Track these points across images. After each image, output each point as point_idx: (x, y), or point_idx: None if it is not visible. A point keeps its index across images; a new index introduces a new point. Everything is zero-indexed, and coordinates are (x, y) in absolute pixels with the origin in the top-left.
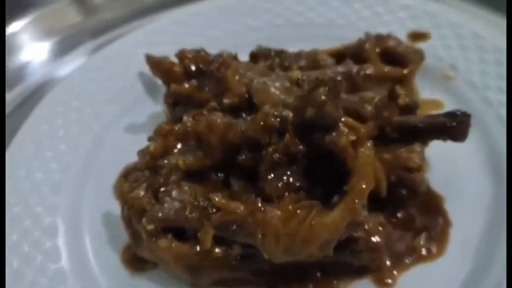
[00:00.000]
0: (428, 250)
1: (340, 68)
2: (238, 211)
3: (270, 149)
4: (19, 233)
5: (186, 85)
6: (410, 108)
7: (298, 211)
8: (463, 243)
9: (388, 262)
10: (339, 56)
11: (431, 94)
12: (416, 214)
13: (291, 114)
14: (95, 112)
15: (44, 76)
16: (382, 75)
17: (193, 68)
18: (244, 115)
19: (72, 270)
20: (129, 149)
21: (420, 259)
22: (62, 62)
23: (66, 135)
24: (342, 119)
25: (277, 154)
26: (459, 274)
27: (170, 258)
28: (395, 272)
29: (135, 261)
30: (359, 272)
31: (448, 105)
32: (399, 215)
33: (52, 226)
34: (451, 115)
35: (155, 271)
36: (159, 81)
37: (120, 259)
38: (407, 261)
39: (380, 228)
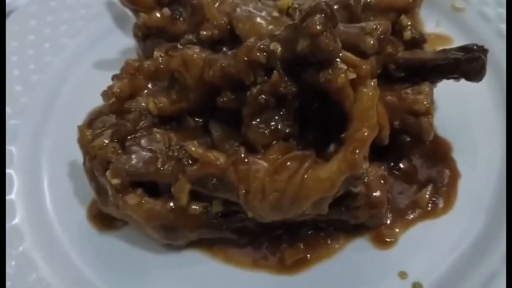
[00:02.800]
0: (434, 204)
1: None
2: (218, 162)
3: (255, 90)
4: None
5: (158, 15)
6: (417, 42)
7: (288, 163)
8: (473, 197)
9: (388, 219)
10: None
11: (437, 27)
12: (420, 164)
13: (279, 48)
14: (55, 47)
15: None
16: (384, 4)
17: None
18: (225, 49)
19: (29, 228)
20: (95, 89)
21: (424, 215)
22: None
23: (22, 75)
24: (340, 54)
25: (263, 96)
26: (468, 232)
27: (140, 216)
28: (396, 229)
29: (103, 217)
30: (356, 230)
31: (457, 40)
32: (401, 165)
33: (6, 179)
34: (465, 49)
35: (126, 228)
36: (129, 11)
37: (85, 215)
38: (410, 217)
39: (381, 181)
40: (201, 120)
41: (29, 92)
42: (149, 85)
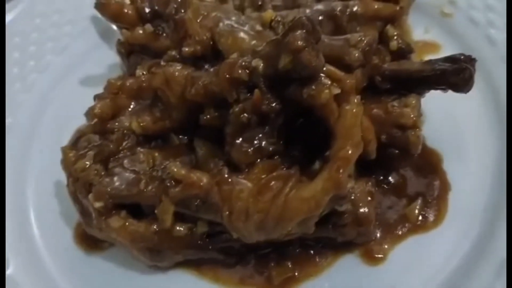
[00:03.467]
0: (424, 218)
1: (322, 6)
2: (201, 183)
3: (237, 108)
4: None
5: (140, 31)
6: (404, 52)
7: (272, 182)
8: (465, 208)
9: (377, 235)
10: None
11: (426, 33)
12: (410, 177)
13: (261, 64)
14: (41, 64)
15: None
16: (371, 13)
17: (147, 10)
18: (207, 66)
19: (14, 252)
20: (81, 107)
21: (414, 229)
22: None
23: (7, 93)
24: (324, 68)
25: (245, 114)
26: (460, 245)
27: (124, 239)
28: (385, 245)
29: (89, 238)
30: (345, 247)
31: (446, 47)
32: (390, 178)
33: None
34: (453, 60)
35: (113, 249)
36: (115, 27)
37: (72, 236)
38: (399, 232)
39: (368, 198)
40: (185, 137)
41: (13, 111)
42: (132, 104)
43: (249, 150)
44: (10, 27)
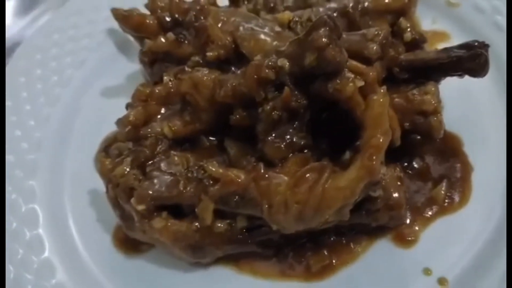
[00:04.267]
0: (450, 199)
1: (334, 4)
2: (239, 180)
3: (268, 107)
4: None
5: (163, 40)
6: (418, 42)
7: (307, 174)
8: (488, 188)
9: (408, 218)
10: None
11: (433, 24)
12: (433, 161)
13: (287, 63)
14: (63, 79)
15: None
16: (381, 8)
17: (167, 19)
18: (233, 68)
19: (59, 260)
20: (106, 117)
21: (442, 210)
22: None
23: (33, 109)
24: (347, 63)
25: (276, 111)
26: (487, 222)
27: (167, 239)
28: (416, 227)
29: (129, 242)
30: (377, 232)
31: (455, 36)
32: (415, 164)
33: (31, 214)
34: (467, 46)
35: (153, 251)
36: (131, 37)
37: (111, 242)
38: (428, 214)
39: (398, 183)
40: (215, 139)
41: (42, 126)
42: (162, 110)
43: (282, 145)
44: (30, 44)
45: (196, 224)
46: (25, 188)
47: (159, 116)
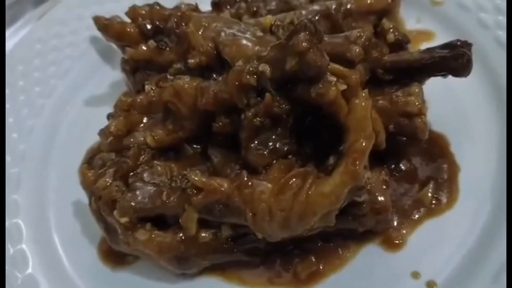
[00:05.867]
0: (438, 201)
1: (317, 7)
2: (222, 188)
3: (250, 113)
4: None
5: (144, 47)
6: (401, 43)
7: (291, 181)
8: (476, 188)
9: (395, 222)
10: None
11: (418, 23)
12: (420, 162)
13: (268, 68)
14: (46, 89)
15: None
16: (364, 9)
17: (148, 26)
18: (215, 75)
19: (44, 275)
20: (91, 127)
21: (429, 212)
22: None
23: (16, 121)
24: (328, 66)
25: (258, 118)
26: (475, 223)
27: (152, 251)
28: (403, 230)
29: (114, 254)
30: (365, 236)
31: (440, 34)
32: (401, 166)
33: (15, 229)
34: (450, 46)
35: (139, 262)
36: (114, 46)
37: (97, 255)
38: (415, 217)
39: (383, 187)
40: (199, 146)
41: (25, 138)
42: (144, 119)
43: (265, 152)
44: (12, 55)
45: (181, 234)
46: (8, 202)
47: (141, 126)
